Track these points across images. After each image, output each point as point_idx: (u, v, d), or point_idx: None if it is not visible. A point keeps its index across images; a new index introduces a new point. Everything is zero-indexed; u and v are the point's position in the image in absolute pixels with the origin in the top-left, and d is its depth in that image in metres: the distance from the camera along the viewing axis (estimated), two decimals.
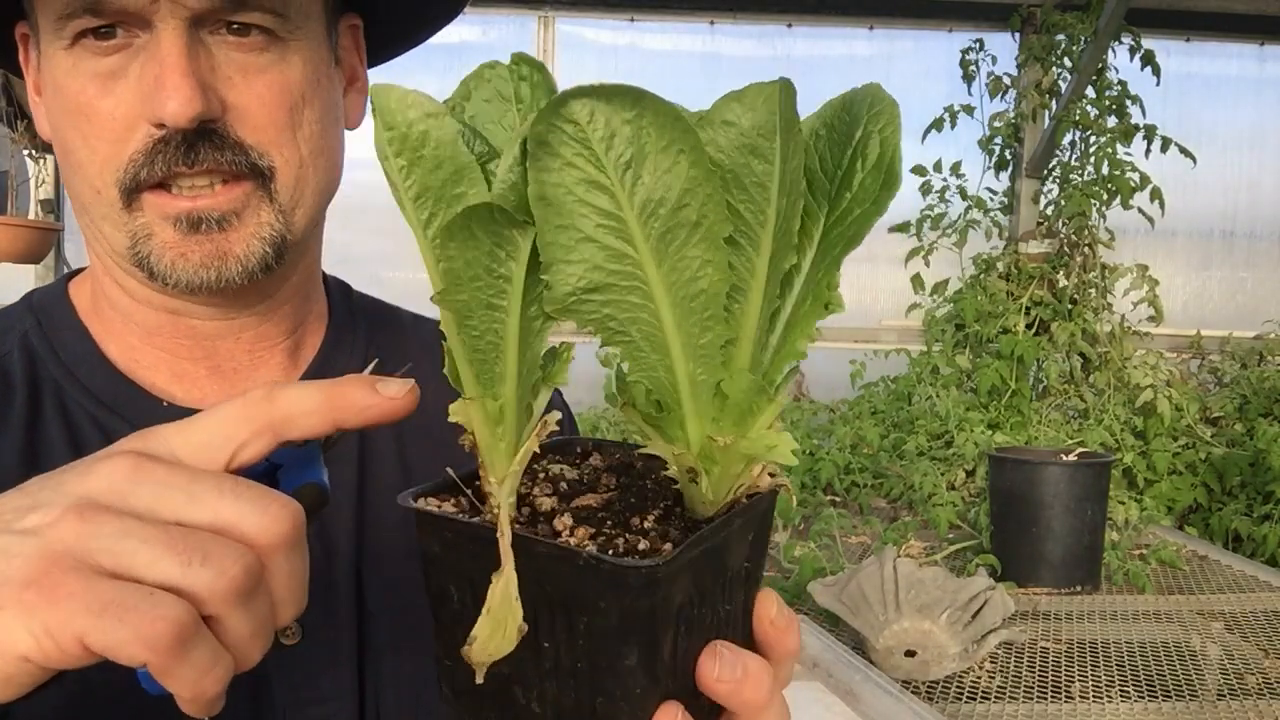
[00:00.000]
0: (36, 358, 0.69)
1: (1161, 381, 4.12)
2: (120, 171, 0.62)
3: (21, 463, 0.65)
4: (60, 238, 4.69)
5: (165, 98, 0.60)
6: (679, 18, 4.93)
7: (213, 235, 0.64)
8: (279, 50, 0.65)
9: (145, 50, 0.61)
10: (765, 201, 0.41)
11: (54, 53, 0.63)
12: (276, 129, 0.65)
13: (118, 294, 0.70)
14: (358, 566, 0.70)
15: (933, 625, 2.26)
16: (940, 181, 4.58)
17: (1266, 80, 5.10)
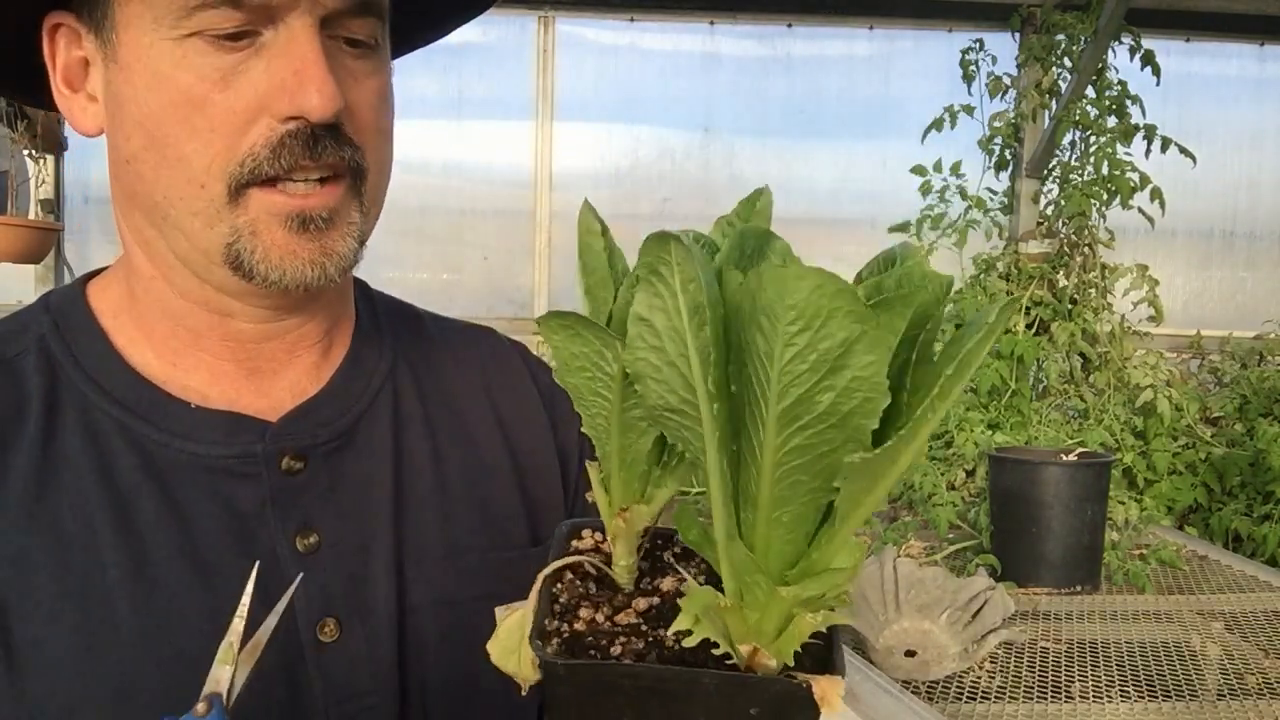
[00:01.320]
0: (55, 363, 0.69)
1: (1161, 381, 4.12)
2: (236, 165, 0.63)
3: (31, 486, 0.64)
4: (60, 238, 4.69)
5: (311, 90, 0.61)
6: (679, 18, 4.93)
7: (320, 234, 0.65)
8: (376, 59, 0.68)
9: (270, 48, 0.62)
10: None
11: (155, 43, 0.62)
12: (374, 132, 0.68)
13: (170, 297, 0.70)
14: (398, 562, 0.71)
15: (933, 625, 2.26)
16: (940, 181, 4.57)
17: (1266, 80, 5.10)
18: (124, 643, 0.62)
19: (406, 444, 0.75)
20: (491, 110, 4.75)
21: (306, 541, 0.68)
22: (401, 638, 0.70)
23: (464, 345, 0.85)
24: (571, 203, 4.98)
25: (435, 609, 0.72)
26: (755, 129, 5.02)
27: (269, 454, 0.69)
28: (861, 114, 5.05)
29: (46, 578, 0.62)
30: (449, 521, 0.74)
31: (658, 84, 4.97)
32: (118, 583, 0.63)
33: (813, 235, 5.10)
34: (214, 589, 0.65)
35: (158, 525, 0.65)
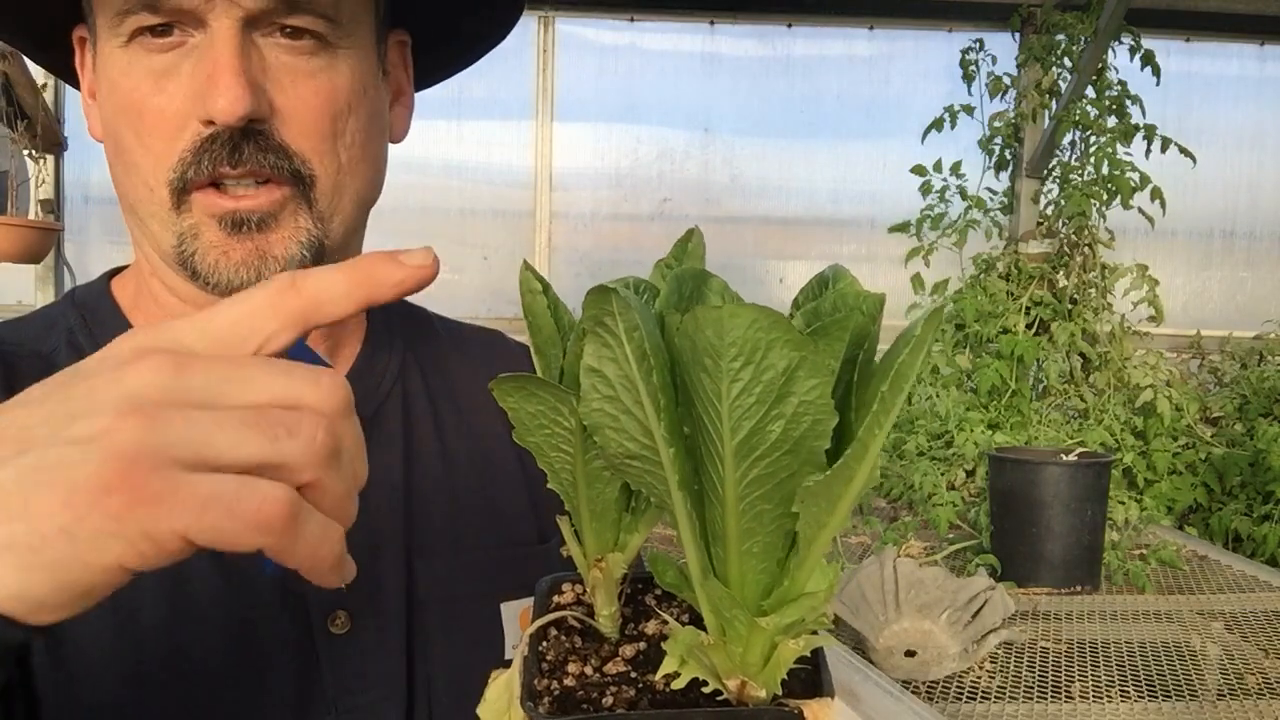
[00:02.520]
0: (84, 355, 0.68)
1: (1161, 381, 4.12)
2: (170, 170, 0.64)
3: None
4: (60, 238, 4.69)
5: (216, 95, 0.61)
6: (679, 18, 4.93)
7: (253, 236, 0.65)
8: (328, 56, 0.66)
9: (198, 49, 0.62)
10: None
11: (110, 51, 0.64)
12: (319, 136, 0.66)
13: (165, 294, 0.71)
14: (407, 557, 0.72)
15: (933, 625, 2.26)
16: (940, 181, 4.58)
17: (1266, 80, 5.10)
18: (145, 636, 0.64)
19: (416, 443, 0.76)
20: (491, 110, 4.75)
21: None
22: (409, 630, 0.71)
23: (473, 347, 0.86)
24: (571, 203, 4.98)
25: (443, 603, 0.73)
26: (755, 129, 5.02)
27: None
28: (861, 114, 5.05)
29: None
30: (457, 518, 0.75)
31: (658, 84, 4.97)
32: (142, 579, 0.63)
33: (813, 235, 5.11)
34: (229, 583, 0.66)
35: None
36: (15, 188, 4.40)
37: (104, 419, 0.36)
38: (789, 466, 0.41)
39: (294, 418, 0.38)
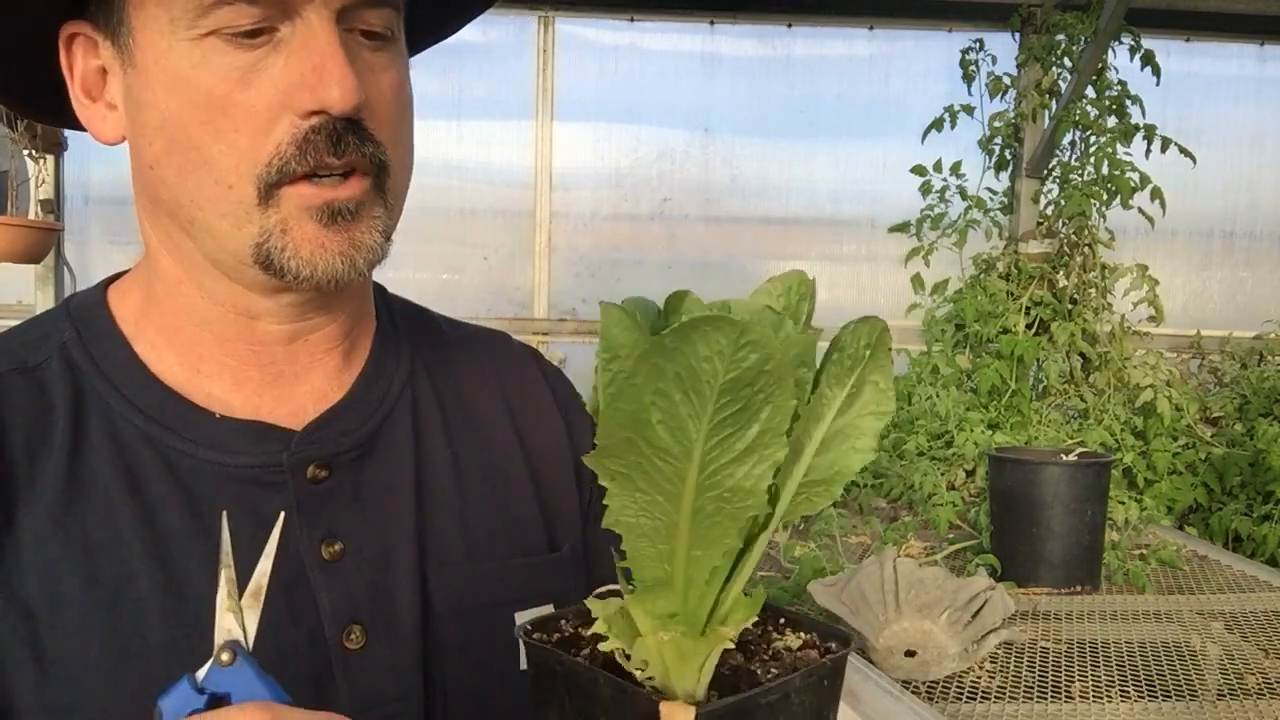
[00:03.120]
0: (79, 372, 0.68)
1: (1161, 381, 4.12)
2: (264, 165, 0.62)
3: (63, 495, 0.65)
4: (60, 238, 4.69)
5: (331, 84, 0.60)
6: (679, 18, 4.93)
7: (348, 226, 0.65)
8: (392, 53, 0.67)
9: (289, 43, 0.62)
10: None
11: (173, 45, 0.62)
12: (395, 127, 0.67)
13: (197, 300, 0.69)
14: (420, 569, 0.71)
15: (933, 625, 2.26)
16: (940, 181, 4.58)
17: (1266, 80, 5.10)
18: (153, 653, 0.63)
19: (426, 451, 0.76)
20: (491, 110, 4.75)
21: (331, 549, 0.69)
22: (425, 643, 0.70)
23: (479, 350, 0.85)
24: (571, 203, 4.98)
25: (457, 615, 0.72)
26: (755, 129, 5.02)
27: (295, 463, 0.69)
28: (861, 114, 5.05)
29: (76, 589, 0.62)
30: (468, 528, 0.75)
31: (658, 84, 4.97)
32: (147, 593, 0.63)
33: (813, 235, 5.11)
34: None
35: (185, 535, 0.65)
36: (15, 188, 4.39)
37: None
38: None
39: None
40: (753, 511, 0.45)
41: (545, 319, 4.90)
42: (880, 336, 0.47)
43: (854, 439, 0.48)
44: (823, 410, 0.47)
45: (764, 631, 0.55)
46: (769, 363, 0.41)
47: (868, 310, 2.41)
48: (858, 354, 0.47)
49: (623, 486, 0.45)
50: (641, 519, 0.46)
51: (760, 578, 2.95)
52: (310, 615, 0.67)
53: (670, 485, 0.44)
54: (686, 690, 0.48)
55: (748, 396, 0.42)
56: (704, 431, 0.42)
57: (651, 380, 0.41)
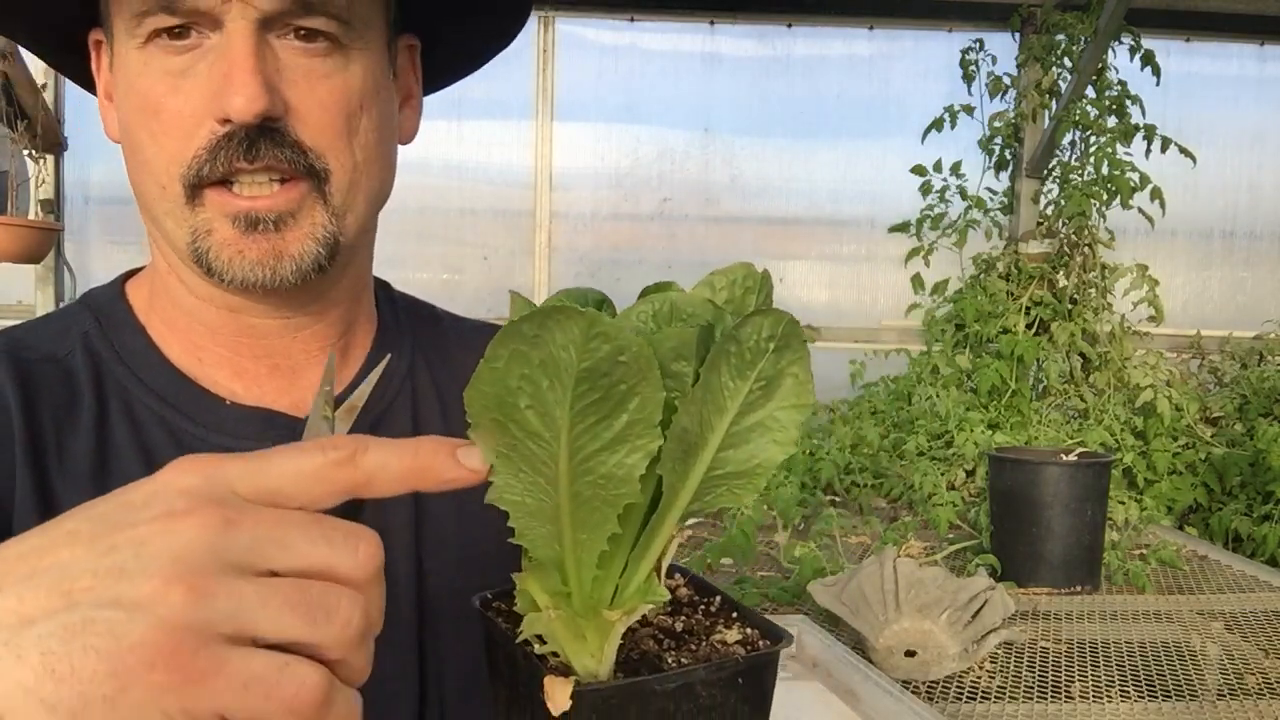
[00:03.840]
0: (99, 359, 0.72)
1: (1161, 381, 4.12)
2: (184, 167, 0.65)
3: (93, 464, 0.68)
4: (60, 238, 4.69)
5: (233, 93, 0.62)
6: (679, 18, 4.93)
7: (269, 235, 0.66)
8: (341, 57, 0.67)
9: (215, 50, 0.64)
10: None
11: (127, 53, 0.66)
12: (334, 133, 0.67)
13: (182, 292, 0.72)
14: (417, 556, 0.74)
15: (933, 625, 2.26)
16: (940, 181, 4.58)
17: (1266, 80, 5.10)
18: None
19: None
20: (491, 110, 4.75)
21: None
22: (421, 624, 0.73)
23: (478, 341, 0.83)
24: (571, 203, 4.98)
25: (451, 601, 0.73)
26: (755, 129, 5.02)
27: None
28: (861, 114, 5.05)
29: None
30: (463, 518, 0.77)
31: (658, 84, 4.97)
32: None
33: (813, 235, 5.11)
34: None
35: None
36: (15, 188, 4.39)
37: (151, 583, 0.37)
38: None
39: (333, 598, 0.40)
40: (628, 499, 0.45)
41: None
42: (786, 329, 0.46)
43: (774, 431, 0.49)
44: (724, 401, 0.47)
45: (712, 624, 0.55)
46: (623, 354, 0.42)
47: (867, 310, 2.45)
48: (759, 346, 0.46)
49: (505, 465, 0.45)
50: (527, 499, 0.47)
51: (761, 577, 2.95)
52: None
53: (547, 468, 0.45)
54: (587, 669, 0.48)
55: (606, 386, 0.43)
56: (568, 418, 0.43)
57: (517, 365, 0.43)
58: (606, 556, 0.48)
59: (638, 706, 0.48)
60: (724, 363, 0.46)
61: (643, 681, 0.48)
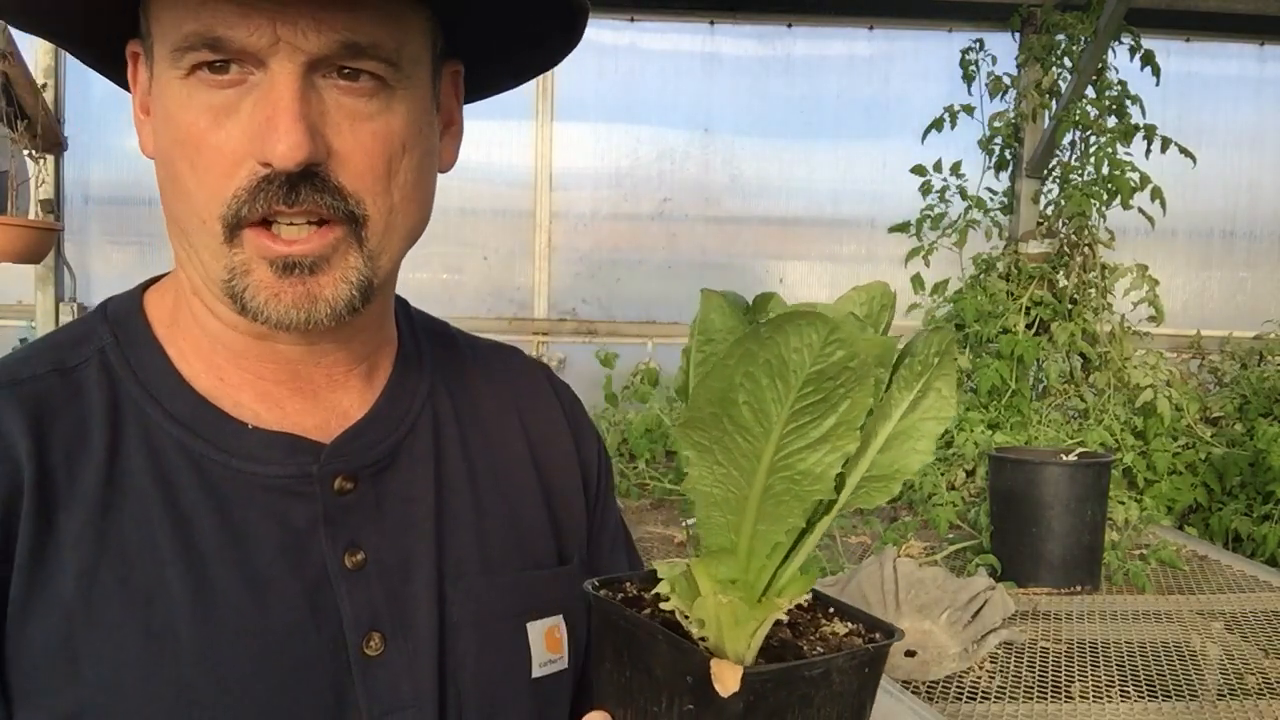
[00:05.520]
0: (116, 379, 0.70)
1: (1161, 381, 4.12)
2: (224, 206, 0.64)
3: (103, 486, 0.66)
4: (60, 238, 4.69)
5: (276, 140, 0.61)
6: (679, 18, 4.93)
7: (304, 279, 0.65)
8: (386, 98, 0.66)
9: (259, 89, 0.63)
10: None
11: (169, 81, 0.64)
12: (374, 177, 0.66)
13: (207, 317, 0.71)
14: (438, 579, 0.73)
15: (933, 625, 2.26)
16: (940, 181, 4.58)
17: (1266, 80, 5.10)
18: (184, 656, 0.65)
19: (445, 465, 0.78)
20: (491, 110, 4.72)
21: (354, 559, 0.71)
22: (441, 652, 0.72)
23: (494, 366, 0.87)
24: (572, 203, 4.98)
25: (472, 625, 0.74)
26: (755, 129, 5.02)
27: (323, 474, 0.71)
28: (861, 114, 5.05)
29: (111, 593, 0.64)
30: (484, 540, 0.77)
31: (658, 84, 4.97)
32: (179, 598, 0.65)
33: (813, 235, 5.11)
34: (268, 605, 0.68)
35: (217, 542, 0.67)
36: (15, 188, 4.39)
37: None
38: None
39: None
40: (819, 496, 0.49)
41: (545, 319, 4.90)
42: (949, 346, 0.51)
43: (914, 440, 0.52)
44: (890, 410, 0.51)
45: (814, 617, 0.59)
46: (853, 360, 0.45)
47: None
48: (927, 360, 0.51)
49: (703, 458, 0.49)
50: (715, 489, 0.50)
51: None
52: (332, 622, 0.69)
53: (746, 462, 0.48)
54: (737, 653, 0.52)
55: (829, 389, 0.46)
56: (784, 416, 0.46)
57: (743, 364, 0.46)
58: (778, 549, 0.51)
59: (787, 690, 0.51)
60: (898, 374, 0.50)
61: (796, 666, 0.52)
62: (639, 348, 4.81)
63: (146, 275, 0.81)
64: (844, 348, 0.44)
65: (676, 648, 0.52)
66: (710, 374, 0.47)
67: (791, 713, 0.51)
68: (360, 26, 0.62)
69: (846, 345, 0.44)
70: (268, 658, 0.66)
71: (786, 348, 0.45)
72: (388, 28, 0.64)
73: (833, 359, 0.45)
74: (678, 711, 0.52)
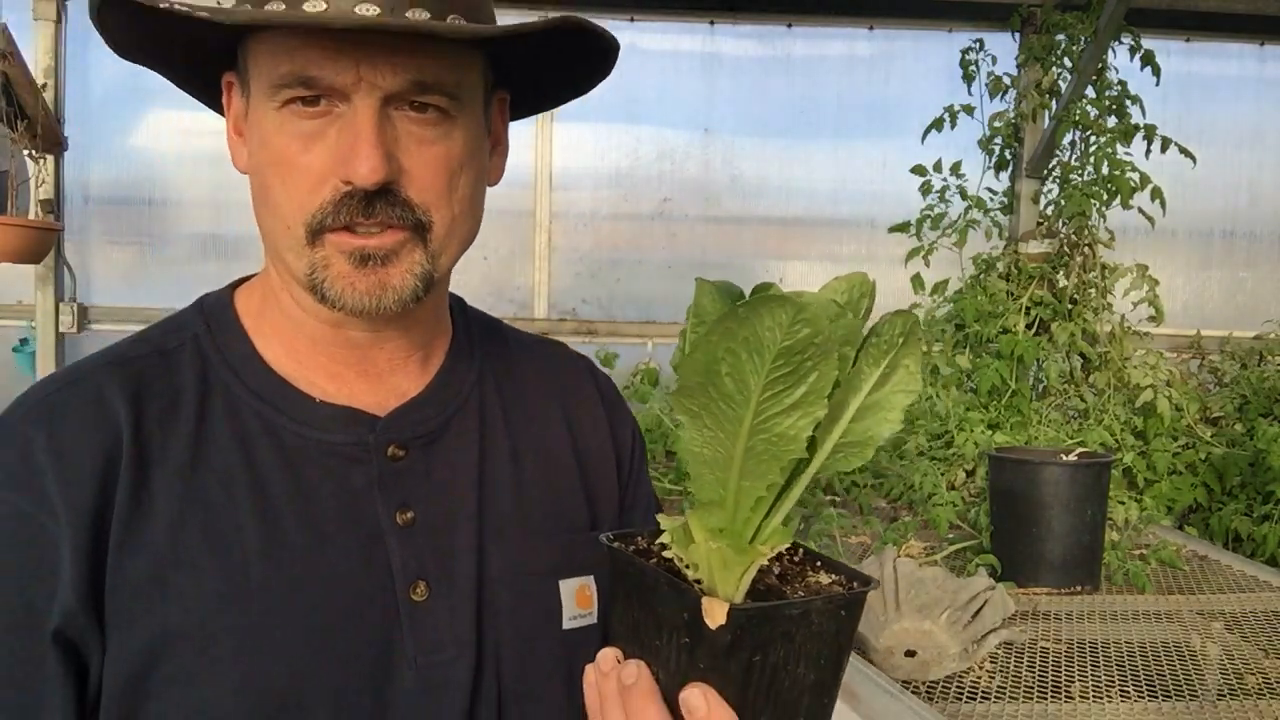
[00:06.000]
0: (206, 358, 0.84)
1: (1161, 381, 4.12)
2: (309, 216, 0.77)
3: (191, 449, 0.79)
4: (60, 238, 4.69)
5: (358, 163, 0.74)
6: (679, 18, 4.93)
7: (377, 270, 0.78)
8: (447, 126, 0.79)
9: (342, 119, 0.75)
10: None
11: (264, 110, 0.77)
12: (437, 192, 0.79)
13: (292, 307, 0.85)
14: (480, 538, 0.85)
15: (933, 625, 2.26)
16: (940, 181, 4.57)
17: (1266, 80, 5.10)
18: (254, 593, 0.77)
19: (489, 442, 0.89)
20: None
21: (405, 517, 0.82)
22: (479, 601, 0.83)
23: (539, 357, 1.00)
24: (572, 203, 4.98)
25: (510, 579, 0.85)
26: (755, 129, 5.02)
27: (378, 443, 0.84)
28: (861, 114, 5.05)
29: (196, 538, 0.77)
30: (523, 505, 0.88)
31: (658, 84, 4.97)
32: (252, 544, 0.78)
33: (812, 235, 5.11)
34: (328, 553, 0.79)
35: (287, 498, 0.80)
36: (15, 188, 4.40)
37: None
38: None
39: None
40: (793, 455, 0.56)
41: (545, 319, 4.90)
42: (912, 327, 0.58)
43: (885, 411, 0.60)
44: (860, 383, 0.59)
45: (802, 569, 0.67)
46: (818, 337, 0.53)
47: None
48: (892, 340, 0.58)
49: (694, 422, 0.57)
50: (705, 450, 0.57)
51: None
52: (384, 570, 0.80)
53: (730, 425, 0.56)
54: (726, 593, 0.60)
55: (798, 362, 0.53)
56: (761, 385, 0.54)
57: (724, 340, 0.53)
58: (761, 502, 0.59)
59: (769, 626, 0.58)
60: (866, 352, 0.58)
61: (777, 605, 0.59)
62: (639, 348, 4.81)
63: (146, 275, 0.88)
64: (809, 326, 0.52)
65: (675, 589, 0.60)
66: (696, 348, 0.54)
67: (774, 647, 0.58)
68: (427, 67, 0.75)
69: (811, 324, 0.52)
70: (326, 598, 0.77)
71: (760, 326, 0.52)
72: (449, 68, 0.77)
73: (799, 336, 0.52)
74: (676, 645, 0.60)
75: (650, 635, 0.62)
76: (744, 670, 0.58)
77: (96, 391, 0.79)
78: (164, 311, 0.92)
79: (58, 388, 0.80)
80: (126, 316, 4.72)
